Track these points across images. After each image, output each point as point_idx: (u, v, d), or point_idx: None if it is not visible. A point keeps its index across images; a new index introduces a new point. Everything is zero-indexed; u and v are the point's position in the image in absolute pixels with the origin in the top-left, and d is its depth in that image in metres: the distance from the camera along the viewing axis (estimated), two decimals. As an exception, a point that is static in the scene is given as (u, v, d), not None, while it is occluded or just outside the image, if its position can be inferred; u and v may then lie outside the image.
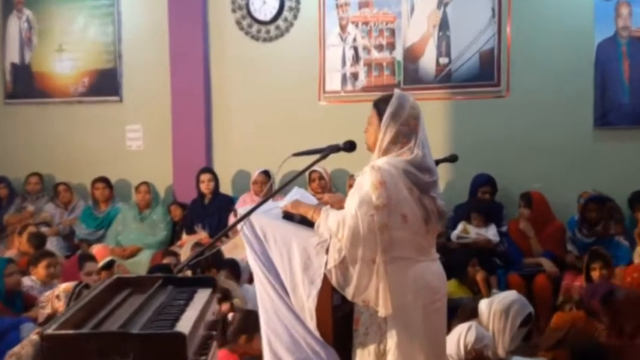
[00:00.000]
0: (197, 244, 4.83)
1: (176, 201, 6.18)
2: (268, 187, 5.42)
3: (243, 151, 6.22)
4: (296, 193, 2.93)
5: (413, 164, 2.47)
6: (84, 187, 6.54)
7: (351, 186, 5.57)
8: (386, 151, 2.51)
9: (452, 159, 4.00)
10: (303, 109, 6.03)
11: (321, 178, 5.66)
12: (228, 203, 5.79)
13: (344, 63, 5.94)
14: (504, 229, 5.19)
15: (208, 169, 5.98)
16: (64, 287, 3.15)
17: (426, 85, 5.68)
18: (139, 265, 5.43)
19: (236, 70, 6.22)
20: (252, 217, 2.64)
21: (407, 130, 2.50)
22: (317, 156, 2.71)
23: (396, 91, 2.59)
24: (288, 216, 2.72)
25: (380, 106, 2.56)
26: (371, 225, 2.40)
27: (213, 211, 5.76)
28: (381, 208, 2.40)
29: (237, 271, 4.26)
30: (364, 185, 2.45)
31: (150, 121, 6.50)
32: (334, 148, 2.64)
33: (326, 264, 2.51)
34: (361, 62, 5.89)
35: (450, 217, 5.17)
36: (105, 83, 6.60)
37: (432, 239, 2.58)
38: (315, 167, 5.48)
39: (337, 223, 2.45)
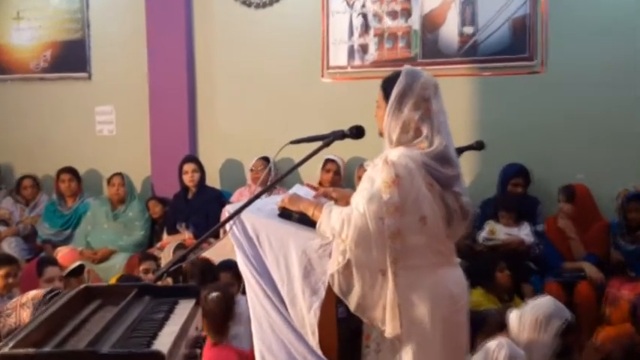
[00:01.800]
0: (180, 247, 4.84)
1: (155, 196, 6.18)
2: (264, 176, 5.46)
3: (233, 137, 6.23)
4: (298, 190, 2.93)
5: (433, 157, 2.46)
6: (47, 179, 6.57)
7: (359, 178, 5.65)
8: (399, 143, 2.50)
9: (478, 146, 4.00)
10: (303, 88, 6.02)
11: (337, 172, 5.69)
12: (216, 198, 5.80)
13: (351, 33, 5.92)
14: (540, 228, 5.18)
15: (192, 158, 5.99)
16: (33, 294, 3.14)
17: (447, 60, 5.66)
18: (112, 271, 5.44)
19: (225, 43, 6.22)
20: (244, 215, 2.64)
21: (418, 115, 2.49)
22: (319, 143, 2.69)
23: (405, 67, 2.58)
24: (285, 214, 2.72)
25: (386, 87, 2.55)
26: (381, 229, 2.40)
27: (198, 208, 5.76)
28: (392, 212, 2.39)
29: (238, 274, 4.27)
30: (375, 180, 2.44)
31: (123, 102, 6.50)
32: (338, 135, 2.63)
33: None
34: (371, 32, 5.88)
35: (476, 215, 5.16)
36: (70, 57, 6.60)
37: (452, 244, 2.58)
38: (330, 156, 5.65)
39: (341, 221, 2.45)
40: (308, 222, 2.62)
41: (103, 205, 6.09)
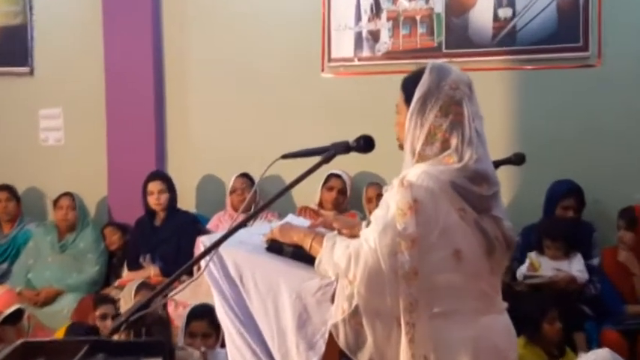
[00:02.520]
0: (144, 286, 4.83)
1: (112, 221, 6.20)
2: (249, 199, 5.46)
3: (210, 148, 6.26)
4: (291, 221, 2.92)
5: (464, 173, 2.45)
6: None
7: (369, 200, 5.68)
8: (422, 156, 2.50)
9: (517, 160, 4.00)
10: (298, 86, 6.05)
11: (342, 190, 5.69)
12: (190, 224, 5.81)
13: (358, 17, 5.95)
14: (596, 261, 5.19)
15: (159, 175, 6.00)
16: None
17: (478, 50, 5.69)
18: (59, 317, 5.44)
19: (201, 30, 6.25)
20: (223, 248, 2.63)
21: (447, 122, 2.49)
22: (317, 158, 2.69)
23: (430, 62, 2.58)
24: (274, 247, 2.72)
25: (408, 87, 2.55)
26: (394, 267, 2.39)
27: (167, 237, 5.77)
28: (408, 246, 2.38)
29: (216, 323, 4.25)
30: (390, 207, 2.44)
31: (74, 104, 6.54)
32: (342, 148, 2.60)
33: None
34: (383, 15, 5.90)
35: (516, 246, 5.15)
36: (7, 47, 6.66)
37: (497, 280, 2.57)
38: (334, 170, 5.63)
39: (348, 257, 2.44)
40: (304, 257, 2.61)
41: (47, 233, 6.10)
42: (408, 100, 2.53)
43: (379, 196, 3.26)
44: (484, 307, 2.51)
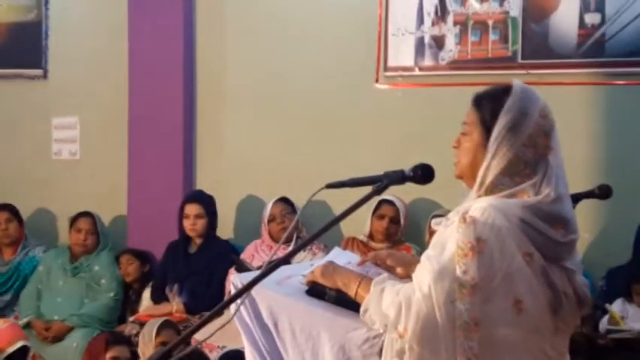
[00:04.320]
0: (167, 326, 4.85)
1: (130, 248, 6.21)
2: (290, 229, 5.46)
3: (247, 167, 6.27)
4: (336, 257, 2.92)
5: (538, 211, 2.44)
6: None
7: (431, 235, 5.60)
8: (491, 188, 2.50)
9: (602, 193, 3.97)
10: (348, 98, 6.05)
11: (394, 219, 5.68)
12: (225, 253, 5.82)
13: (421, 20, 5.95)
14: (695, 312, 5.12)
15: (199, 197, 6.00)
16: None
17: (560, 62, 5.66)
18: (66, 356, 5.54)
19: (238, 35, 6.28)
20: (257, 290, 2.66)
21: (532, 153, 2.49)
22: (368, 188, 2.70)
23: (515, 82, 2.57)
24: (316, 291, 2.72)
25: (487, 106, 2.54)
26: (451, 316, 2.39)
27: (200, 267, 5.83)
28: (468, 293, 2.38)
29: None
30: (447, 245, 2.44)
31: (92, 112, 6.60)
32: (396, 178, 2.60)
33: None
34: (450, 19, 5.90)
35: (600, 292, 5.12)
36: (20, 47, 6.74)
37: (562, 342, 2.55)
38: (387, 196, 5.55)
39: (398, 306, 2.42)
40: (349, 304, 2.62)
41: (59, 255, 6.18)
42: (485, 122, 2.53)
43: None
44: None
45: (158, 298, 5.82)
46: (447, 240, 2.44)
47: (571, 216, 2.52)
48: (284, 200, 5.82)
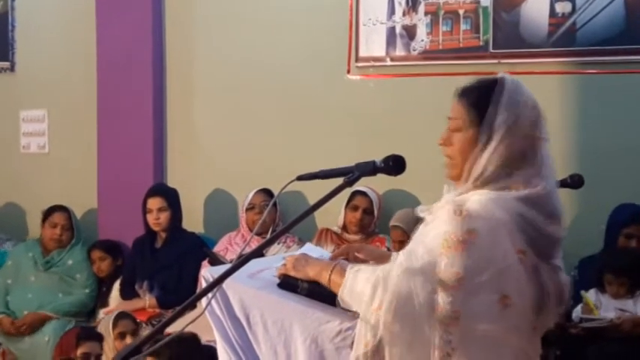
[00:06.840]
0: (123, 317, 4.83)
1: (101, 241, 6.20)
2: (263, 220, 5.46)
3: (218, 160, 6.27)
4: (309, 251, 2.93)
5: (534, 205, 2.45)
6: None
7: (395, 239, 5.58)
8: (487, 181, 2.51)
9: (574, 183, 4.01)
10: (319, 89, 6.05)
11: (368, 210, 5.69)
12: (194, 246, 5.81)
13: (392, 10, 5.95)
14: (666, 300, 5.15)
15: (160, 190, 6.00)
16: None
17: (531, 51, 5.66)
18: (39, 351, 5.51)
19: (207, 26, 6.28)
20: (229, 284, 2.65)
21: (528, 145, 2.51)
22: (339, 180, 2.69)
23: (503, 75, 2.56)
24: (287, 283, 2.72)
25: (477, 102, 2.53)
26: (431, 304, 2.38)
27: (169, 262, 5.81)
28: (451, 286, 2.36)
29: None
30: (435, 236, 2.42)
31: (61, 105, 6.59)
32: (367, 169, 2.60)
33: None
34: (421, 9, 5.89)
35: (572, 282, 5.13)
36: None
37: (538, 341, 2.56)
38: (360, 187, 5.52)
39: (374, 283, 2.42)
40: (322, 296, 2.62)
41: (29, 249, 6.16)
42: (479, 117, 2.51)
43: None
44: None
45: (127, 295, 5.80)
46: (434, 230, 2.43)
47: (562, 211, 2.55)
48: (266, 191, 5.79)
